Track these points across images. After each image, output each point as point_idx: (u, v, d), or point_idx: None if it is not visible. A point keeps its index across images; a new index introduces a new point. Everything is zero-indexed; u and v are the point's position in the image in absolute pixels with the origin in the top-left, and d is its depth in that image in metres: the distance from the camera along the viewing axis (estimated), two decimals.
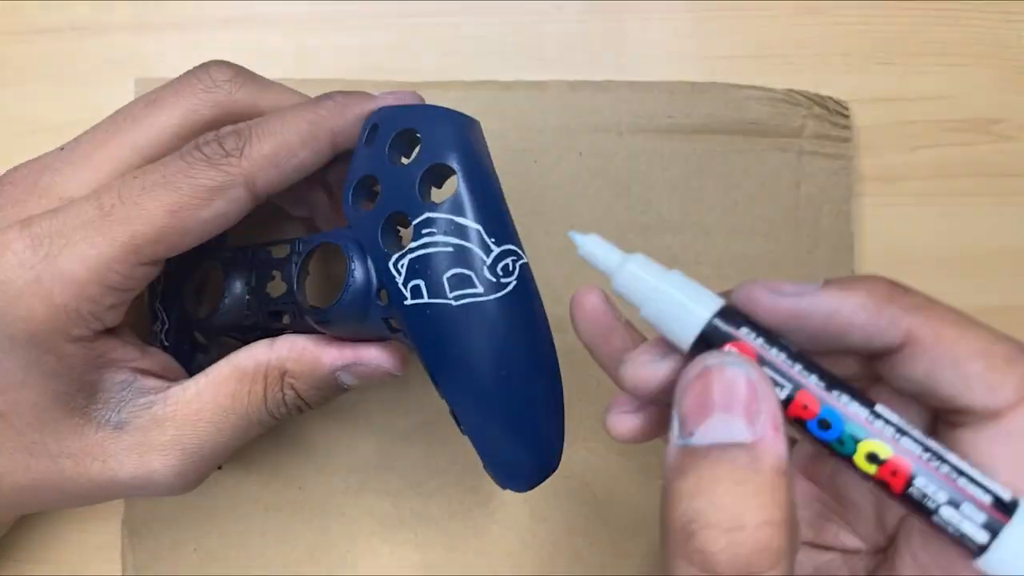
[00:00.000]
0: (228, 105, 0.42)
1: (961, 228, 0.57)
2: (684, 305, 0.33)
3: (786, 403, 0.32)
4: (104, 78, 0.56)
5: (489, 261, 0.37)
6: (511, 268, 0.38)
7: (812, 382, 0.32)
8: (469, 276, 0.37)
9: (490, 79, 0.56)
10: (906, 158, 0.57)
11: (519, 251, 0.39)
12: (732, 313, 0.33)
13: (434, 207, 0.37)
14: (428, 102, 0.54)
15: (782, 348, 0.32)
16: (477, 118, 0.42)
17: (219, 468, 0.52)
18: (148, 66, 0.56)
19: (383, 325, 0.40)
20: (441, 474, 0.54)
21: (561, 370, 0.41)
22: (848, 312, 0.33)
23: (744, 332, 0.32)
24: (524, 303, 0.39)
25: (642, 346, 0.36)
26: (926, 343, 0.32)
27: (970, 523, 0.30)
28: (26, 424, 0.40)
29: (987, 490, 0.30)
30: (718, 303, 0.33)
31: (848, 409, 0.31)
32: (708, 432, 0.31)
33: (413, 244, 0.37)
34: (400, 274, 0.37)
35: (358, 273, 0.39)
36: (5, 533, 0.51)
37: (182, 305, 0.46)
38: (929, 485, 0.30)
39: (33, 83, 0.57)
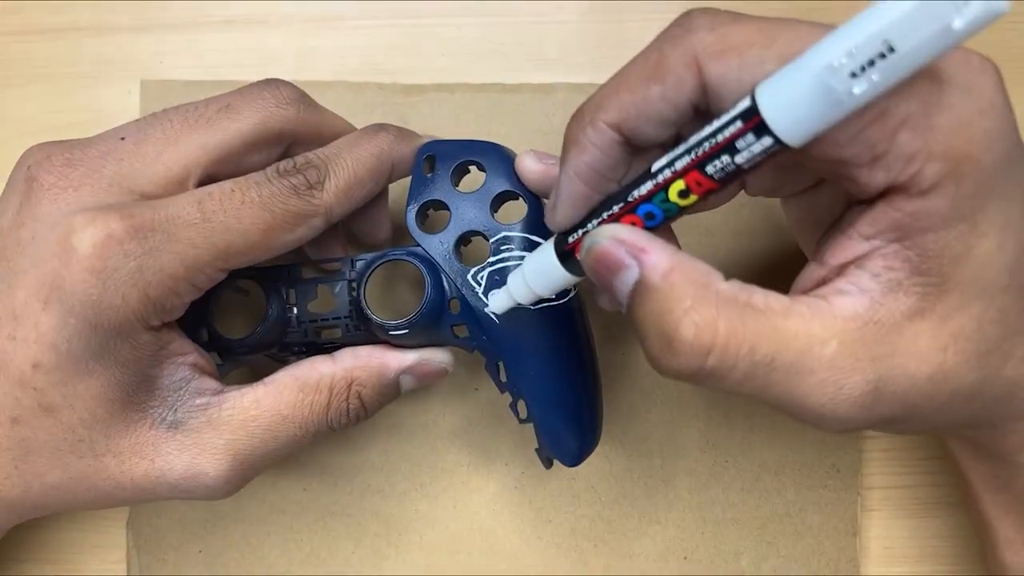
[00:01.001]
0: (295, 123, 0.44)
1: None
2: (541, 266, 0.40)
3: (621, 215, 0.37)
4: (105, 79, 0.56)
5: None
6: None
7: (616, 210, 0.37)
8: None
9: (494, 81, 0.56)
10: None
11: None
12: (559, 235, 0.39)
13: (508, 227, 0.44)
14: (434, 105, 0.54)
15: (593, 216, 0.38)
16: (482, 121, 0.47)
17: None
18: (148, 66, 0.56)
19: (449, 333, 0.45)
20: (446, 475, 0.54)
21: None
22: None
23: (574, 236, 0.38)
24: (582, 305, 0.47)
25: (543, 152, 0.44)
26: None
27: (754, 141, 0.32)
28: (77, 419, 0.40)
29: (731, 121, 0.33)
30: (550, 241, 0.40)
31: (643, 194, 0.36)
32: (621, 298, 0.35)
33: (493, 259, 0.44)
34: (480, 285, 0.44)
35: (433, 286, 0.44)
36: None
37: (200, 327, 0.47)
38: (716, 163, 0.33)
39: (33, 83, 0.56)
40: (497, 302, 0.43)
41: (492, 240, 0.44)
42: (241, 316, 0.50)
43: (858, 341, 0.33)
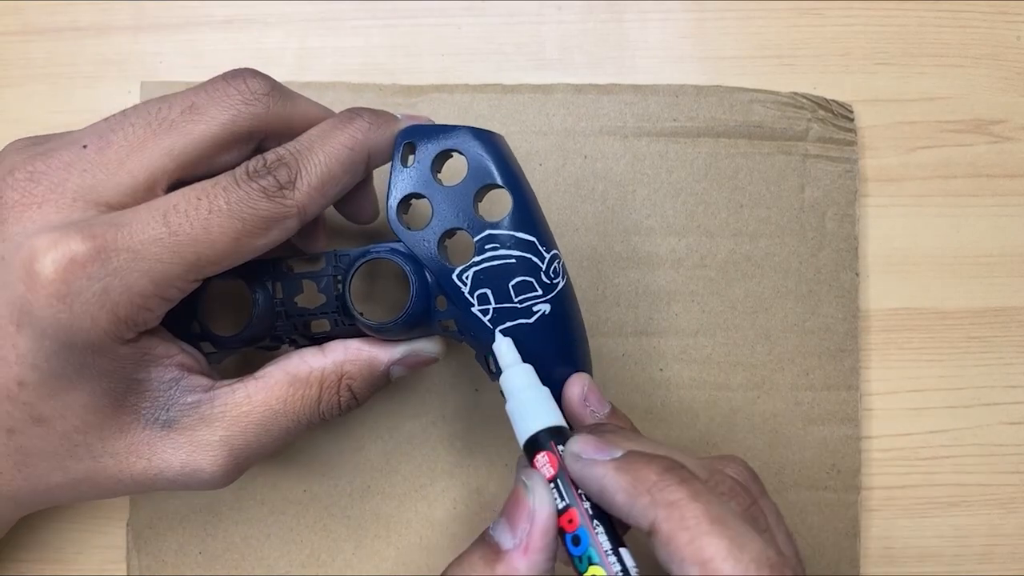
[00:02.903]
0: (266, 119, 0.43)
1: (960, 229, 0.57)
2: (527, 415, 0.41)
3: (560, 512, 0.38)
4: (104, 79, 0.56)
5: (544, 267, 0.43)
6: (559, 270, 0.44)
7: (585, 507, 0.38)
8: (531, 282, 0.43)
9: (493, 82, 0.56)
10: (906, 159, 0.57)
11: (559, 251, 0.45)
12: (557, 432, 0.41)
13: (494, 224, 0.43)
14: (434, 105, 0.54)
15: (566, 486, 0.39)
16: (482, 121, 0.46)
17: None
18: (148, 67, 0.56)
19: (438, 327, 0.45)
20: (446, 477, 0.54)
21: None
22: (611, 492, 0.37)
23: (559, 449, 0.40)
24: (571, 296, 0.46)
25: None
26: (662, 538, 0.35)
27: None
28: (71, 427, 0.40)
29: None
30: (549, 423, 0.41)
31: (598, 538, 0.37)
32: (494, 527, 0.39)
33: (478, 258, 0.43)
34: (465, 284, 0.43)
35: (418, 285, 0.43)
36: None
37: (190, 320, 0.46)
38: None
39: (33, 83, 0.56)
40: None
41: (476, 239, 0.43)
42: (232, 309, 0.49)
43: None
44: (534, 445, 0.40)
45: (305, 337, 0.47)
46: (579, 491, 0.39)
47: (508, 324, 0.43)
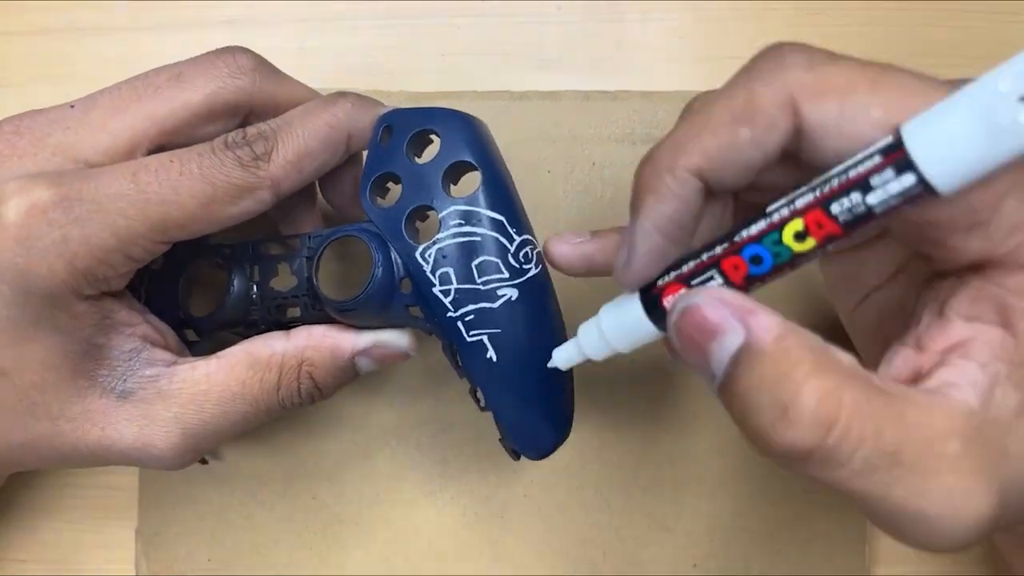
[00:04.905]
0: (251, 93, 0.43)
1: None
2: (625, 313, 0.37)
3: (725, 283, 0.33)
4: (104, 79, 0.55)
5: (512, 249, 0.42)
6: (530, 256, 0.42)
7: (719, 251, 0.34)
8: (496, 263, 0.41)
9: (493, 82, 0.56)
10: None
11: (535, 240, 0.43)
12: (648, 287, 0.36)
13: (460, 200, 0.41)
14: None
15: (689, 258, 0.35)
16: (490, 127, 0.44)
17: (204, 462, 0.53)
18: (148, 66, 0.55)
19: (404, 313, 0.43)
20: (455, 484, 0.54)
21: (574, 385, 0.46)
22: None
23: (664, 279, 0.35)
24: (544, 287, 0.43)
25: (568, 232, 0.41)
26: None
27: (892, 179, 0.29)
28: (29, 383, 0.40)
29: (868, 156, 0.30)
30: (633, 295, 0.37)
31: (753, 234, 0.33)
32: (717, 366, 0.31)
33: (441, 235, 0.41)
34: (428, 263, 0.41)
35: (383, 264, 0.41)
36: None
37: (174, 303, 0.47)
38: (843, 202, 0.30)
39: (33, 83, 0.56)
40: (563, 356, 0.41)
41: (441, 215, 0.41)
42: (215, 294, 0.49)
43: (976, 441, 0.29)
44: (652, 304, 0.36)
45: (279, 324, 0.46)
46: (705, 256, 0.34)
47: (470, 307, 0.41)
